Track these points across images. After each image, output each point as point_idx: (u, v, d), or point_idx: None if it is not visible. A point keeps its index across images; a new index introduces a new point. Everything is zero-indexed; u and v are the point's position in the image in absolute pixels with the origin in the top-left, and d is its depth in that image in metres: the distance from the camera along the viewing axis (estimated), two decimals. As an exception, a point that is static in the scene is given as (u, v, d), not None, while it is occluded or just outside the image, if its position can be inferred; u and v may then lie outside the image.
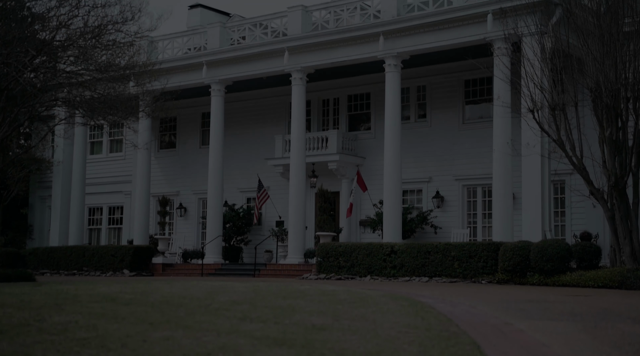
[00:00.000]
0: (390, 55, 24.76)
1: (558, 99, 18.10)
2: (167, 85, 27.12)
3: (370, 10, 25.67)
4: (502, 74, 21.35)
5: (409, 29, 24.35)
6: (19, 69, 17.84)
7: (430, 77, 27.76)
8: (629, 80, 17.10)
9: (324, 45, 26.18)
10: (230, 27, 29.05)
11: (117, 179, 34.92)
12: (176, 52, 29.94)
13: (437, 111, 27.66)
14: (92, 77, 20.96)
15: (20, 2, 18.78)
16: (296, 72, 26.76)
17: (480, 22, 22.85)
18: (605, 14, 17.16)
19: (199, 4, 35.48)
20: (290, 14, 27.04)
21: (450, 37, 23.72)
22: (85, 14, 20.29)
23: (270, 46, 27.13)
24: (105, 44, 20.93)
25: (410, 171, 27.27)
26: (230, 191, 31.39)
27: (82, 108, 21.32)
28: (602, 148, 18.09)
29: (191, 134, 33.58)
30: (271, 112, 31.54)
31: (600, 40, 17.03)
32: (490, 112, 25.34)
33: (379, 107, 28.25)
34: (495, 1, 21.78)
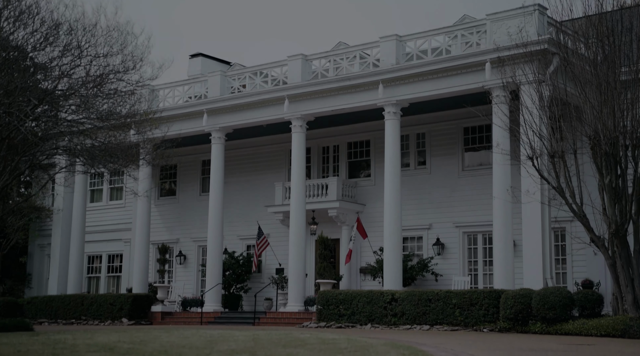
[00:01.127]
0: (390, 103, 24.94)
1: (557, 147, 18.17)
2: (168, 133, 27.25)
3: (369, 59, 25.93)
4: (500, 122, 21.47)
5: (407, 77, 24.56)
6: (20, 118, 17.96)
7: (430, 124, 27.92)
8: (627, 128, 17.20)
9: (323, 93, 26.39)
10: (231, 76, 29.31)
11: (116, 227, 34.84)
12: (177, 101, 30.15)
13: (437, 158, 27.75)
14: (93, 126, 21.09)
15: (23, 52, 19.00)
16: (296, 119, 26.92)
17: (479, 71, 23.07)
18: (602, 63, 17.33)
19: (200, 53, 35.86)
20: (291, 62, 27.31)
21: (448, 86, 23.91)
22: (88, 63, 20.54)
23: (271, 94, 27.34)
24: (107, 92, 21.12)
25: (411, 218, 27.23)
26: (230, 238, 31.31)
27: (83, 156, 21.40)
28: (602, 195, 18.10)
29: (191, 182, 33.62)
30: (271, 160, 31.62)
31: (597, 88, 17.16)
32: (489, 159, 25.41)
33: (378, 154, 28.34)
34: (493, 50, 22.01)
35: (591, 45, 17.73)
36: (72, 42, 19.89)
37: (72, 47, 19.81)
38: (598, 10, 17.43)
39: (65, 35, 19.91)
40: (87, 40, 20.29)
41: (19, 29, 18.84)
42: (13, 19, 18.55)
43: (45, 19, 19.46)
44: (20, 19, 18.72)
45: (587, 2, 17.40)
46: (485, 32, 23.42)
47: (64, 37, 19.87)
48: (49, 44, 19.45)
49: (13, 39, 18.88)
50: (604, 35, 17.39)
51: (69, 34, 19.90)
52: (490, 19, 23.11)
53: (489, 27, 23.11)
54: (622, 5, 17.47)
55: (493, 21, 23.02)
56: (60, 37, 19.78)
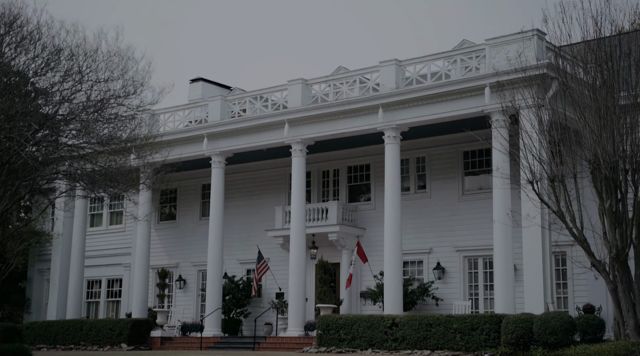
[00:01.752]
0: (390, 127, 24.99)
1: (557, 171, 18.18)
2: (168, 157, 27.27)
3: (369, 83, 26.03)
4: (500, 146, 21.50)
5: (407, 102, 24.64)
6: (21, 143, 17.99)
7: (430, 148, 27.95)
8: (626, 152, 17.22)
9: (323, 117, 26.45)
10: (231, 100, 29.40)
11: (116, 252, 34.76)
12: (177, 125, 30.22)
13: (437, 182, 27.75)
14: (94, 150, 21.11)
15: (24, 77, 19.07)
16: (296, 144, 26.96)
17: (478, 95, 23.14)
18: (601, 87, 17.38)
19: (201, 78, 36.02)
20: (291, 87, 27.40)
21: (448, 110, 23.98)
22: (88, 88, 20.60)
23: (271, 118, 27.41)
24: (107, 117, 21.16)
25: (411, 242, 27.18)
26: (230, 262, 31.23)
27: (83, 181, 21.40)
28: (602, 220, 18.07)
29: (191, 206, 33.60)
30: (271, 184, 31.63)
31: (596, 113, 17.20)
32: (489, 183, 25.42)
33: (378, 178, 28.35)
34: (492, 75, 22.09)
35: (590, 70, 17.79)
36: (73, 67, 19.97)
37: (73, 72, 19.88)
38: (596, 35, 17.51)
39: (67, 60, 20.00)
40: (88, 65, 20.38)
41: (21, 55, 18.93)
42: (15, 45, 18.65)
43: (47, 44, 19.55)
44: (22, 44, 18.81)
45: (585, 27, 17.50)
46: (484, 56, 23.53)
47: (65, 62, 19.96)
48: (50, 69, 19.52)
49: (14, 65, 18.96)
50: (603, 60, 17.46)
51: (70, 60, 19.99)
52: (489, 44, 23.23)
53: (488, 52, 23.22)
54: (620, 30, 17.57)
55: (492, 46, 23.14)
56: (61, 62, 19.87)
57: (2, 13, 18.59)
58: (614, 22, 17.42)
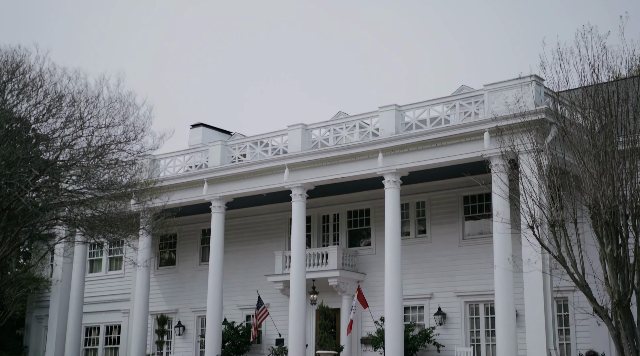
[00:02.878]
0: (389, 172, 25.04)
1: (557, 216, 18.14)
2: (168, 202, 27.26)
3: (369, 128, 26.15)
4: (500, 191, 21.49)
5: (407, 147, 24.72)
6: (21, 189, 18.01)
7: (430, 193, 27.97)
8: (626, 197, 17.21)
9: (323, 162, 26.50)
10: (232, 145, 29.50)
11: (115, 298, 34.52)
12: (178, 170, 30.27)
13: (437, 226, 27.70)
14: (94, 196, 21.13)
15: (26, 124, 19.19)
16: (296, 188, 26.98)
17: (478, 140, 23.23)
18: (600, 133, 17.44)
19: (201, 123, 36.22)
20: (291, 132, 27.52)
21: (448, 155, 24.05)
22: (89, 134, 20.71)
23: (271, 163, 27.46)
24: (108, 163, 21.24)
25: (411, 287, 27.02)
26: (229, 308, 31.00)
27: (83, 226, 21.39)
28: (603, 265, 17.96)
29: (191, 251, 33.48)
30: (271, 228, 31.56)
31: (596, 158, 17.21)
32: (490, 227, 25.36)
33: (379, 223, 28.30)
34: (491, 120, 22.20)
35: (588, 116, 17.85)
36: (74, 113, 20.12)
37: (74, 118, 20.03)
38: (594, 81, 17.59)
39: (68, 106, 20.16)
40: (89, 111, 20.54)
41: (23, 101, 19.07)
42: (17, 92, 18.81)
43: (49, 91, 19.73)
44: (24, 91, 18.97)
45: (582, 73, 17.58)
46: (483, 102, 23.68)
47: (66, 108, 20.12)
48: (52, 115, 19.67)
49: (16, 111, 19.09)
50: (601, 106, 17.52)
51: (72, 106, 20.15)
52: (488, 89, 23.40)
53: (487, 97, 23.38)
54: (617, 76, 17.69)
55: (491, 91, 23.31)
56: (63, 108, 20.02)
57: (5, 60, 18.79)
58: (611, 69, 17.52)
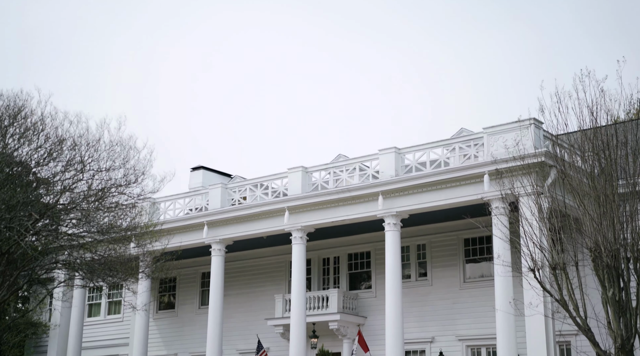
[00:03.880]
0: (390, 215, 25.01)
1: (558, 259, 18.08)
2: (168, 245, 27.19)
3: (369, 171, 26.20)
4: (501, 234, 21.45)
5: (407, 189, 24.74)
6: (21, 233, 17.99)
7: (430, 235, 27.90)
8: (627, 240, 17.17)
9: (323, 204, 26.50)
10: (232, 188, 29.52)
11: (114, 343, 34.16)
12: (178, 213, 30.25)
13: (438, 269, 27.57)
14: (94, 239, 21.10)
15: (26, 167, 19.25)
16: (296, 231, 26.92)
17: (478, 183, 23.25)
18: (599, 175, 17.47)
19: (201, 166, 36.32)
20: (291, 174, 27.56)
21: (448, 197, 24.05)
22: (90, 177, 20.78)
23: (271, 206, 27.43)
24: (108, 206, 21.26)
25: (413, 330, 26.79)
26: (229, 352, 30.70)
27: (82, 270, 21.31)
28: (605, 309, 17.83)
29: (190, 295, 33.27)
30: (271, 271, 31.42)
31: (596, 201, 17.23)
32: (491, 270, 25.23)
33: (379, 266, 28.18)
34: (491, 163, 22.26)
35: (587, 159, 17.91)
36: (75, 157, 20.21)
37: (75, 162, 20.11)
38: (593, 124, 17.69)
39: (69, 150, 20.26)
40: (90, 155, 20.64)
41: (24, 145, 19.16)
42: (18, 136, 18.90)
43: (50, 135, 19.85)
44: (26, 135, 19.07)
45: (581, 117, 17.70)
46: (482, 144, 23.76)
47: (67, 152, 20.21)
48: (53, 159, 19.74)
49: (17, 155, 19.16)
50: (600, 149, 17.60)
51: (73, 150, 20.25)
52: (487, 132, 23.49)
53: (486, 140, 23.46)
54: (615, 120, 17.80)
55: (490, 134, 23.40)
56: (63, 152, 20.12)
57: (7, 105, 18.92)
58: (609, 112, 17.63)
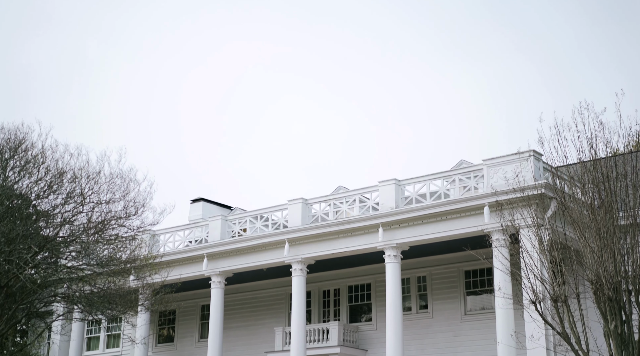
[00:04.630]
0: (390, 246, 24.95)
1: (559, 291, 17.99)
2: (168, 278, 27.09)
3: (369, 203, 26.18)
4: (501, 266, 21.38)
5: (407, 221, 24.70)
6: (20, 266, 17.93)
7: (431, 267, 27.80)
8: (628, 273, 17.11)
9: (324, 236, 26.43)
10: (232, 220, 29.48)
11: (113, 376, 33.94)
12: (177, 245, 30.17)
13: (439, 301, 27.41)
14: (93, 272, 21.03)
15: (26, 200, 19.25)
16: (296, 263, 26.83)
17: (478, 215, 23.22)
18: (600, 207, 17.46)
19: (201, 198, 36.31)
20: (291, 206, 27.54)
21: (448, 229, 24.01)
22: (90, 210, 20.78)
23: (271, 238, 27.37)
24: (108, 238, 21.23)
25: (414, 363, 26.58)
26: (228, 386, 30.44)
27: (81, 303, 21.20)
28: (608, 342, 17.72)
29: (190, 328, 33.05)
30: (271, 304, 31.24)
31: (596, 233, 17.20)
32: (492, 303, 25.09)
33: (380, 298, 28.04)
34: (491, 194, 22.26)
35: (587, 191, 17.92)
36: (75, 189, 20.24)
37: (75, 194, 20.13)
38: (592, 156, 17.73)
39: (69, 183, 20.29)
40: (90, 187, 20.66)
41: (24, 178, 19.18)
42: (19, 169, 18.93)
43: (50, 167, 19.88)
44: (26, 168, 19.11)
45: (580, 149, 17.74)
46: (482, 176, 23.77)
47: (67, 185, 20.24)
48: (53, 192, 19.77)
49: (17, 188, 19.17)
50: (600, 181, 17.62)
51: (73, 182, 20.29)
52: (487, 164, 23.53)
53: (486, 172, 23.48)
54: (615, 152, 17.84)
55: (490, 166, 23.43)
56: (64, 185, 20.15)
57: (7, 138, 18.97)
58: (608, 144, 17.68)
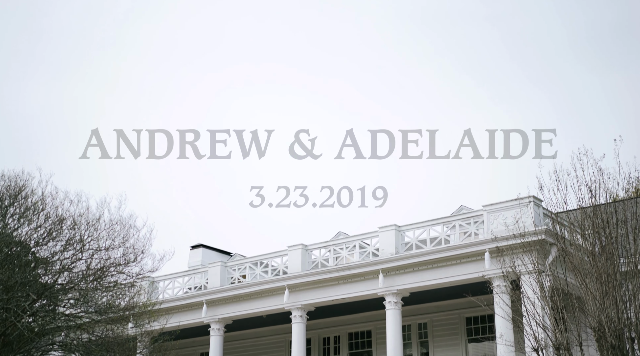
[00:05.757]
0: (390, 293, 24.81)
1: (562, 339, 17.85)
2: (167, 325, 26.85)
3: (369, 249, 26.11)
4: (503, 312, 21.24)
5: (407, 267, 24.59)
6: (18, 314, 17.80)
7: (431, 314, 27.58)
8: (631, 320, 16.99)
9: (324, 283, 26.29)
10: (231, 266, 29.34)
11: None
12: (177, 292, 29.97)
13: (440, 348, 27.14)
14: (91, 320, 20.87)
15: (25, 247, 19.20)
16: (296, 310, 26.63)
17: (478, 261, 23.13)
18: (601, 254, 17.42)
19: (201, 244, 36.20)
20: (291, 252, 27.44)
21: (449, 275, 23.90)
22: (89, 256, 20.72)
23: (271, 284, 27.21)
24: (107, 286, 21.13)
25: (415, 412, 26.22)
26: None
27: (79, 351, 20.99)
28: (612, 390, 17.52)
29: (189, 375, 32.66)
30: (271, 351, 30.92)
31: (598, 279, 17.13)
32: (494, 350, 24.82)
33: (380, 345, 27.76)
34: (491, 240, 22.20)
35: (588, 237, 17.90)
36: (74, 236, 20.21)
37: (74, 241, 20.10)
38: (592, 202, 17.77)
39: (69, 229, 20.28)
40: (89, 234, 20.65)
41: (24, 225, 19.16)
42: (18, 216, 18.93)
43: (50, 214, 19.89)
44: (26, 215, 19.10)
45: (580, 195, 17.80)
46: (482, 222, 23.74)
47: (67, 231, 20.23)
48: (52, 239, 19.73)
49: (17, 235, 19.14)
50: (600, 227, 17.61)
51: (73, 229, 20.27)
52: (487, 210, 23.51)
53: (486, 218, 23.46)
54: (614, 198, 17.87)
55: (489, 212, 23.41)
56: (63, 231, 20.13)
57: (8, 185, 19.01)
58: (608, 190, 17.74)
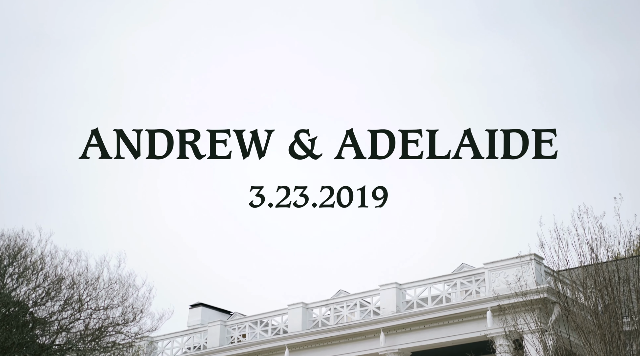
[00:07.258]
0: (392, 352, 24.55)
1: (567, 400, 17.58)
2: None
3: (370, 307, 25.89)
4: (506, 372, 20.97)
5: (409, 326, 24.37)
6: (14, 376, 17.57)
7: (434, 373, 27.19)
8: (636, 381, 16.78)
9: (324, 341, 26.00)
10: (231, 325, 29.02)
11: None
12: (175, 352, 29.59)
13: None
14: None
15: (23, 307, 19.04)
16: (297, 370, 26.31)
17: (480, 319, 22.91)
18: (604, 313, 17.28)
19: (201, 303, 35.83)
20: (291, 311, 27.19)
21: (450, 334, 23.66)
22: (87, 316, 20.52)
23: (271, 343, 26.89)
24: (105, 346, 20.86)
25: None
26: None
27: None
28: None
29: None
30: (271, 412, 30.35)
31: (601, 339, 16.96)
32: (498, 411, 24.42)
33: (382, 407, 27.26)
34: (493, 299, 22.03)
35: (590, 295, 17.78)
36: (73, 296, 20.06)
37: (73, 301, 19.94)
38: (593, 260, 17.71)
39: (67, 289, 20.13)
40: (88, 293, 20.49)
41: (22, 285, 19.04)
42: (17, 276, 18.83)
43: (49, 274, 19.78)
44: (24, 274, 18.99)
45: (581, 253, 17.75)
46: (484, 280, 23.59)
47: (65, 291, 20.08)
48: (51, 298, 19.57)
49: (15, 295, 19.00)
50: (602, 285, 17.51)
51: (71, 288, 20.14)
52: (488, 267, 23.39)
53: (488, 276, 23.32)
54: (616, 256, 17.81)
55: (491, 270, 23.28)
56: (62, 291, 19.98)
57: (7, 245, 18.96)
58: (609, 248, 17.69)
